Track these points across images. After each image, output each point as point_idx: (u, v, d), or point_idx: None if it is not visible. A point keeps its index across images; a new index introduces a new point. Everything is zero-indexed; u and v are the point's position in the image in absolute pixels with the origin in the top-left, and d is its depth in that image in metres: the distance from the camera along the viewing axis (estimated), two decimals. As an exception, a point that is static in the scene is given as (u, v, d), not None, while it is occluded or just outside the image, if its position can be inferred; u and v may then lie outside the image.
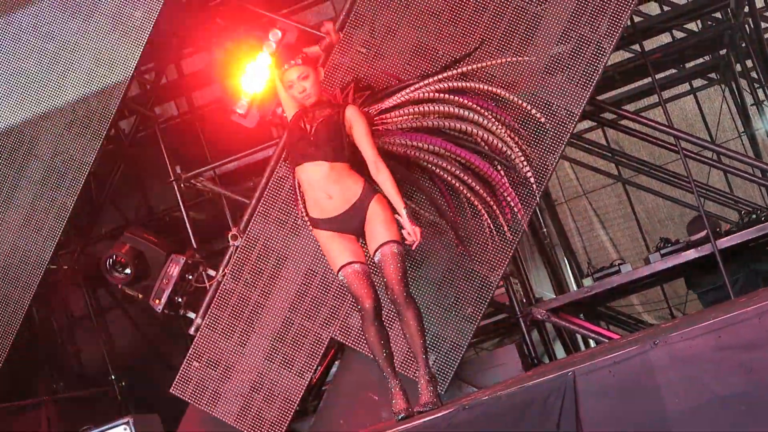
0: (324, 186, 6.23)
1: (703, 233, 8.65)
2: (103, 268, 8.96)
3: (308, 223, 6.45)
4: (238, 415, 7.66)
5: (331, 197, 6.23)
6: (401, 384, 6.25)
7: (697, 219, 9.64)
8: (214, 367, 7.71)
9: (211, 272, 8.07)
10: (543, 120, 6.99)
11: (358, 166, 6.43)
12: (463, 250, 7.01)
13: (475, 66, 6.97)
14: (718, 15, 11.88)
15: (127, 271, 8.74)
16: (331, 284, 7.56)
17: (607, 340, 8.15)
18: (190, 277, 8.13)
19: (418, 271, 7.42)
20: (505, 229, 6.93)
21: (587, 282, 9.05)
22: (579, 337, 10.61)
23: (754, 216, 9.79)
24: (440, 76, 6.86)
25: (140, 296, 8.52)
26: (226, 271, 7.83)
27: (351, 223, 6.27)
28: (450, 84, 6.82)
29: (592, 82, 7.32)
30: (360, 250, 6.34)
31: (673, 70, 12.96)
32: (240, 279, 7.73)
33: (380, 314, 6.23)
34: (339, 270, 6.27)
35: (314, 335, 7.58)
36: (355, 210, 6.25)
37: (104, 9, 8.14)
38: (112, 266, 8.87)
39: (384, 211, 6.27)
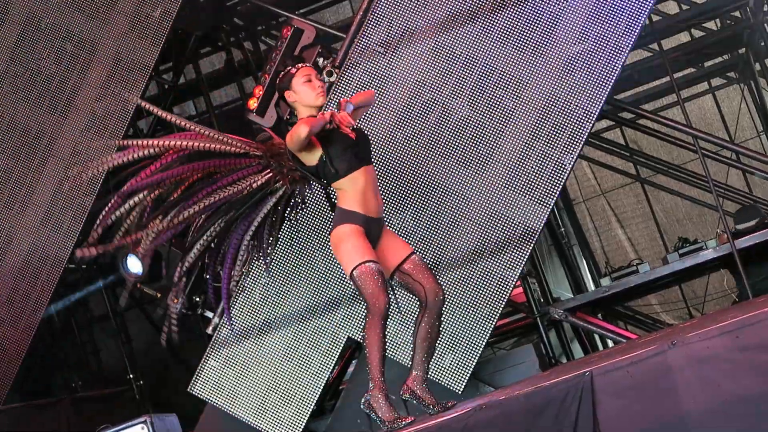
0: (374, 188, 6.11)
1: (751, 223, 8.62)
2: (118, 266, 8.94)
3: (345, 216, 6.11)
4: (255, 413, 7.67)
5: (377, 202, 6.10)
6: (386, 392, 6.05)
7: (749, 208, 9.59)
8: (232, 366, 7.72)
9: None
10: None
11: None
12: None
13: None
14: (737, 14, 11.84)
15: (138, 271, 8.63)
16: (349, 284, 7.56)
17: (624, 340, 8.13)
18: (208, 276, 8.13)
19: (435, 271, 7.42)
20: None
21: (605, 282, 9.04)
22: (597, 336, 10.58)
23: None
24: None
25: (159, 295, 8.53)
26: (243, 270, 7.84)
27: (375, 232, 6.16)
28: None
29: (611, 82, 7.31)
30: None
31: (692, 69, 12.91)
32: (258, 279, 7.74)
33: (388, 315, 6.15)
34: (365, 262, 6.00)
35: (331, 335, 7.59)
36: (381, 222, 6.19)
37: (123, 9, 8.17)
38: (126, 264, 8.82)
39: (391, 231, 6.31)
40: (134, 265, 8.51)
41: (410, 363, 6.13)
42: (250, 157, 6.13)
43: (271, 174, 6.14)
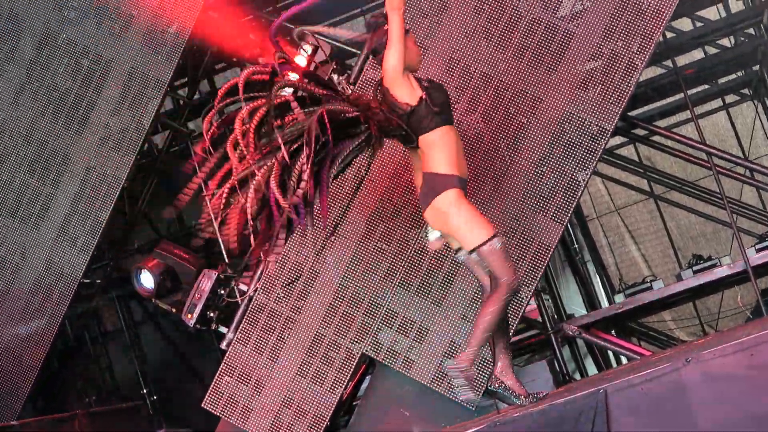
0: (462, 150, 5.88)
1: None
2: (132, 279, 8.93)
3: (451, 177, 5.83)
4: (269, 429, 7.68)
5: (465, 164, 5.88)
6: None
7: None
8: (246, 381, 7.73)
9: (243, 287, 8.09)
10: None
11: None
12: None
13: None
14: (750, 31, 11.84)
15: (150, 285, 8.58)
16: (362, 300, 7.58)
17: (638, 357, 8.12)
18: (222, 291, 8.15)
19: (449, 287, 7.43)
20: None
21: (619, 298, 9.04)
22: (610, 353, 10.57)
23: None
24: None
25: (173, 310, 8.54)
26: (258, 285, 7.86)
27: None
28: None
29: (625, 98, 7.31)
30: None
31: (706, 86, 12.90)
32: (272, 294, 7.76)
33: None
34: (491, 238, 5.71)
35: (345, 351, 7.60)
36: (467, 184, 5.90)
37: (138, 25, 8.22)
38: (139, 278, 8.80)
39: None
40: (147, 279, 8.52)
41: (491, 354, 5.95)
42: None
43: (360, 114, 5.84)
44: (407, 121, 5.79)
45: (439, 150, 5.75)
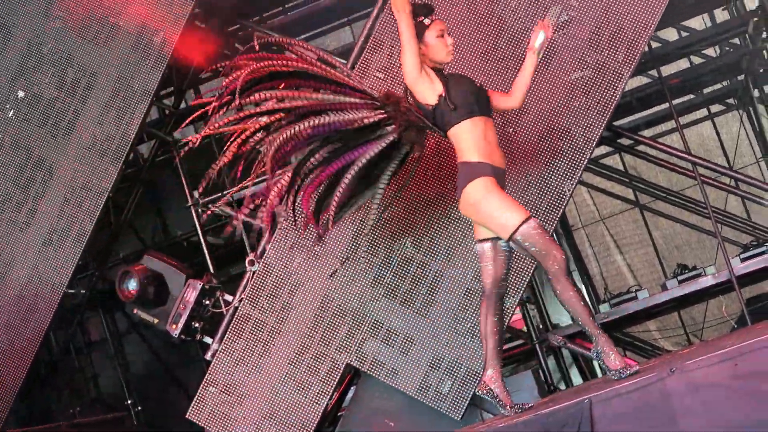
0: (496, 139, 5.87)
1: None
2: (116, 283, 8.82)
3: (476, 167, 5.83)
4: (254, 440, 7.66)
5: (500, 152, 5.86)
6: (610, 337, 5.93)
7: None
8: (230, 392, 7.71)
9: (228, 297, 8.07)
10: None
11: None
12: None
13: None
14: (736, 41, 11.89)
15: (133, 285, 8.49)
16: (347, 310, 7.57)
17: (624, 367, 8.11)
18: (207, 302, 8.13)
19: (434, 297, 7.43)
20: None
21: (604, 308, 9.03)
22: (595, 363, 10.57)
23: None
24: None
25: (156, 321, 8.51)
26: (242, 296, 7.85)
27: (502, 186, 5.84)
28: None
29: (610, 108, 7.33)
30: None
31: (691, 96, 12.95)
32: (257, 304, 7.74)
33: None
34: (526, 220, 5.66)
35: (330, 361, 7.58)
36: (504, 176, 5.90)
37: (124, 35, 8.20)
38: (124, 281, 8.69)
39: None
40: (131, 282, 8.49)
41: (483, 360, 5.94)
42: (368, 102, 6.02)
43: (384, 115, 5.95)
44: (432, 119, 5.85)
45: (464, 141, 5.77)
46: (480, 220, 5.80)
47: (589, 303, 5.80)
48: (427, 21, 5.91)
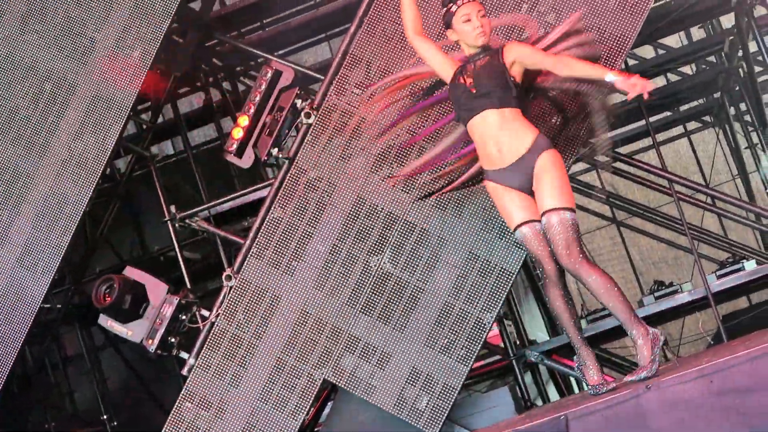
0: (494, 135, 5.77)
1: None
2: (94, 290, 8.67)
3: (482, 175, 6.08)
4: (230, 456, 7.63)
5: (500, 150, 5.78)
6: (593, 353, 5.97)
7: None
8: (207, 407, 7.68)
9: (205, 312, 8.04)
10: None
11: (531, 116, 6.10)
12: None
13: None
14: (712, 59, 11.96)
15: (111, 291, 8.34)
16: (325, 325, 7.56)
17: (600, 383, 8.12)
18: (184, 317, 8.09)
19: (411, 313, 7.42)
20: None
21: (581, 324, 9.03)
22: (573, 379, 10.59)
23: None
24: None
25: (130, 333, 8.42)
26: (219, 311, 7.82)
27: (518, 179, 5.80)
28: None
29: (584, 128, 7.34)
30: (536, 208, 5.82)
31: (668, 113, 13.01)
32: (233, 319, 7.72)
33: (564, 276, 5.86)
34: (516, 228, 5.80)
35: (307, 376, 7.57)
36: (524, 163, 5.79)
37: (101, 49, 8.18)
38: (102, 287, 8.53)
39: (555, 168, 5.78)
40: (109, 289, 8.40)
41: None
42: None
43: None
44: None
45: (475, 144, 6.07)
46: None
47: (577, 312, 5.82)
48: (453, 8, 5.96)
